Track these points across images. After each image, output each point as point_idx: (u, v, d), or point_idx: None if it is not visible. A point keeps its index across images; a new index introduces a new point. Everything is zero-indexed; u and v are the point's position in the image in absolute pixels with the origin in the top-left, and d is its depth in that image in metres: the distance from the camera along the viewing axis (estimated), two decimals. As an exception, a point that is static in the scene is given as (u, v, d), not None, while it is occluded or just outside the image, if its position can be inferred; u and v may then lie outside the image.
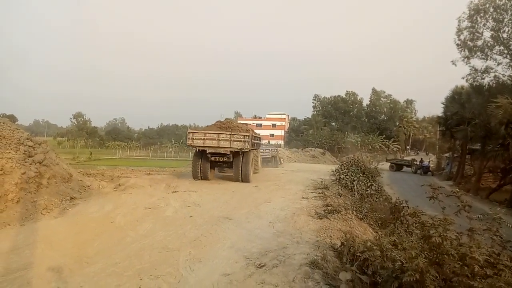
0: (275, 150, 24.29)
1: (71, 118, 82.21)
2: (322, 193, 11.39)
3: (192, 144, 12.90)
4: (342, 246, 5.41)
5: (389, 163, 38.31)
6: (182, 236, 6.34)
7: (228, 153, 12.71)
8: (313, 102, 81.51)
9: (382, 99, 78.94)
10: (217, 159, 13.32)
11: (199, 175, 13.53)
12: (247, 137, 12.60)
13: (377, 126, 71.50)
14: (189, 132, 13.18)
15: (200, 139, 12.73)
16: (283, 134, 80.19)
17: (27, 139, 8.88)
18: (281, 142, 71.72)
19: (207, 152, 12.89)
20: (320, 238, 6.44)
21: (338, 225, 7.48)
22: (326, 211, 8.65)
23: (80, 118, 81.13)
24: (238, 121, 17.59)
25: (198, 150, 13.17)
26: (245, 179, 13.27)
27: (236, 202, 9.69)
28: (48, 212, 7.64)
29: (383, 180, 18.28)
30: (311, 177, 15.96)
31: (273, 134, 79.54)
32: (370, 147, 55.27)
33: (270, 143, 54.46)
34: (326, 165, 29.75)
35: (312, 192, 11.72)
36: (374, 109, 77.75)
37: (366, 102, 79.27)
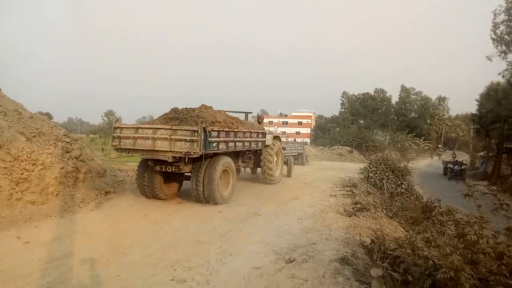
0: (302, 148, 24.14)
1: (102, 116, 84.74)
2: (350, 191, 11.28)
3: (119, 146, 8.31)
4: (373, 244, 5.39)
5: (444, 166, 30.76)
6: (213, 230, 6.48)
7: (170, 159, 7.85)
8: (341, 99, 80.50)
9: (412, 96, 76.73)
10: (163, 168, 8.44)
11: (147, 190, 8.92)
12: (195, 133, 7.47)
13: (407, 123, 69.65)
14: (115, 128, 8.53)
15: (130, 137, 8.15)
16: (309, 132, 79.65)
17: (64, 135, 9.28)
18: (308, 140, 71.25)
19: (142, 157, 8.56)
20: (349, 235, 6.42)
21: (368, 223, 7.42)
22: (355, 208, 8.59)
23: (111, 116, 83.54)
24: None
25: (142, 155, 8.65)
26: (209, 198, 8.35)
27: (264, 198, 9.76)
28: (85, 205, 7.99)
29: (413, 179, 17.88)
30: (339, 175, 15.82)
31: (299, 132, 79.18)
32: (399, 145, 53.91)
33: (296, 141, 54.27)
34: (354, 164, 29.32)
35: (340, 190, 11.62)
36: (403, 106, 75.69)
37: (395, 99, 77.51)
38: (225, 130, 8.56)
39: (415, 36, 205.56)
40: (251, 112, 12.74)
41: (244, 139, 9.77)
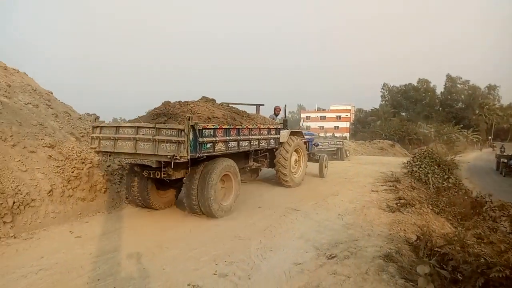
0: (341, 143, 23.67)
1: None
2: (393, 186, 10.89)
3: (99, 148, 7.00)
4: (418, 240, 5.18)
5: (497, 160, 27.97)
6: (252, 226, 6.54)
7: (154, 164, 6.40)
8: (381, 92, 78.08)
9: (458, 85, 72.75)
10: (151, 175, 7.03)
11: (136, 198, 7.63)
12: (181, 132, 5.96)
13: (453, 115, 66.32)
14: (94, 127, 7.17)
15: (110, 138, 6.85)
16: (348, 126, 77.88)
17: (110, 135, 9.75)
18: (347, 134, 69.75)
19: (124, 162, 7.36)
20: (393, 232, 6.20)
21: (412, 219, 7.14)
22: (398, 204, 8.29)
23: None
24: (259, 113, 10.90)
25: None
26: (204, 209, 6.90)
27: (302, 194, 9.68)
28: (130, 202, 8.33)
29: (461, 173, 16.97)
30: (380, 170, 15.32)
31: (337, 127, 77.69)
32: (446, 137, 51.33)
33: (335, 135, 53.29)
34: (396, 158, 28.34)
35: (382, 185, 11.26)
36: (449, 97, 71.98)
37: (440, 89, 73.90)
38: (223, 127, 7.03)
39: (461, 21, 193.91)
40: (263, 105, 11.16)
41: (250, 137, 8.19)
